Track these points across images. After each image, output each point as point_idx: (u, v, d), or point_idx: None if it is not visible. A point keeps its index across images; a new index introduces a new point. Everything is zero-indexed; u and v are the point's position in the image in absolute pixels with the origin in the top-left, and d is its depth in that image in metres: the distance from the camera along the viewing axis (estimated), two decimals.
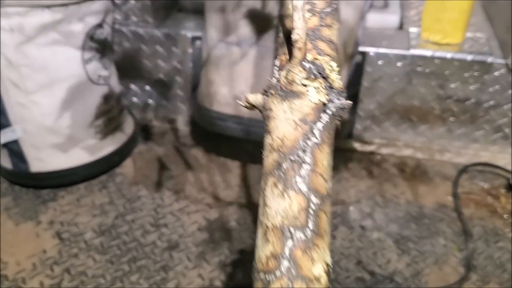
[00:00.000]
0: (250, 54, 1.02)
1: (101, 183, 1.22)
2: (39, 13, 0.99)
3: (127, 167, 1.27)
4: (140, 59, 1.34)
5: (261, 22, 1.00)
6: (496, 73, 1.19)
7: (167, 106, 1.41)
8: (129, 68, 1.35)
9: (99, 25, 1.10)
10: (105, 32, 1.13)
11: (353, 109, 1.29)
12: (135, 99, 1.41)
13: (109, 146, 1.20)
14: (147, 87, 1.39)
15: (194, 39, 1.29)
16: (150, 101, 1.41)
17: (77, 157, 1.15)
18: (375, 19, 1.29)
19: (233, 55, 1.04)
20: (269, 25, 1.01)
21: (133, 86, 1.39)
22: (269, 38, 1.01)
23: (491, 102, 1.23)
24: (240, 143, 1.22)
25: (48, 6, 0.99)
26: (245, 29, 1.02)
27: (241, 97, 0.42)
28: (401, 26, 1.31)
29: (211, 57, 1.10)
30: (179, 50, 1.32)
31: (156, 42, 1.31)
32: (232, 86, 1.04)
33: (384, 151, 1.34)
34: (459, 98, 1.24)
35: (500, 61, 1.18)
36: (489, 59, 1.18)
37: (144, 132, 1.39)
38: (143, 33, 1.30)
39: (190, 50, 1.31)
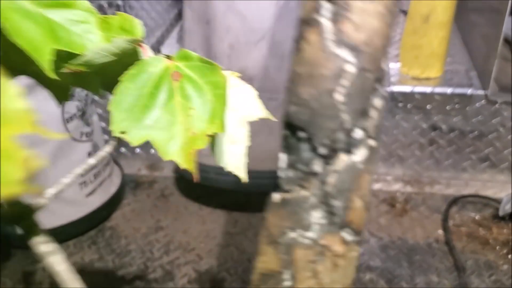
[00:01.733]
0: None
1: (90, 238, 1.22)
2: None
3: (116, 219, 1.27)
4: None
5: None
6: (477, 104, 1.19)
7: (155, 154, 1.41)
8: None
9: None
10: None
11: None
12: (122, 149, 1.42)
13: (97, 201, 1.20)
14: None
15: None
16: (138, 150, 1.42)
17: (64, 216, 1.15)
18: None
19: None
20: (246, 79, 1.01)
21: None
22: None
23: (476, 133, 1.23)
24: (230, 192, 1.22)
25: None
26: None
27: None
28: None
29: None
30: None
31: None
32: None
33: (374, 186, 1.33)
34: (443, 130, 1.24)
35: (480, 92, 1.18)
36: (469, 91, 1.19)
37: (133, 182, 1.39)
38: None
39: None
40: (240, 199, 1.30)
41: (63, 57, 0.34)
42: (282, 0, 0.95)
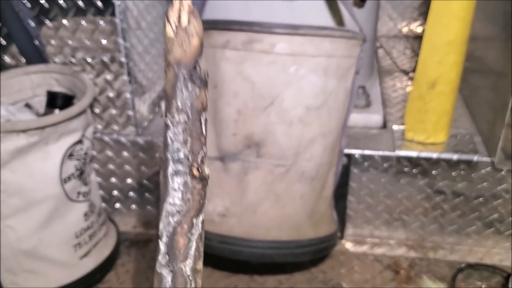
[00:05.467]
0: (232, 169, 1.00)
1: None
2: (14, 138, 0.96)
3: (110, 282, 1.21)
4: (122, 166, 1.32)
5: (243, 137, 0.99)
6: (483, 171, 1.18)
7: (151, 211, 1.37)
8: (111, 174, 1.32)
9: (79, 141, 1.08)
10: (84, 147, 1.10)
11: (343, 210, 1.27)
12: (118, 205, 1.37)
13: (90, 263, 1.15)
14: (131, 193, 1.35)
15: None
16: (134, 206, 1.37)
17: (56, 279, 1.09)
18: (359, 119, 1.29)
19: (216, 170, 1.01)
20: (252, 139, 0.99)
21: (115, 192, 1.36)
22: (251, 153, 0.99)
23: (481, 199, 1.21)
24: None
25: (24, 130, 0.97)
26: (228, 144, 1.00)
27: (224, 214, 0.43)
28: (384, 125, 1.31)
29: None
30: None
31: (139, 149, 1.29)
32: (215, 203, 1.01)
33: (377, 251, 1.30)
34: (447, 195, 1.22)
35: (486, 159, 1.17)
36: (475, 158, 1.17)
37: (127, 240, 1.34)
38: (125, 141, 1.28)
39: None
40: (240, 263, 1.26)
41: None
42: (292, 67, 0.94)
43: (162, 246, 0.47)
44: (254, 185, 0.99)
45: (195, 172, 0.48)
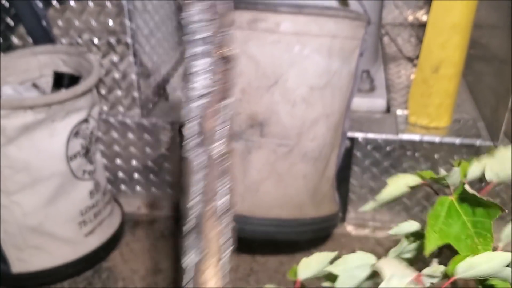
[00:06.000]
0: (236, 148, 1.01)
1: (86, 279, 1.18)
2: (21, 114, 0.98)
3: (114, 260, 1.23)
4: (127, 147, 1.33)
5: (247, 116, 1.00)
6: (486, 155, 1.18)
7: (156, 193, 1.39)
8: (116, 156, 1.34)
9: (84, 120, 1.09)
10: (90, 127, 1.12)
11: (345, 193, 1.27)
12: (123, 187, 1.39)
13: (95, 241, 1.17)
14: (136, 175, 1.37)
15: (181, 127, 1.29)
16: (138, 188, 1.39)
17: (61, 256, 1.11)
18: (363, 103, 1.29)
19: None
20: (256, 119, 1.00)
21: (120, 174, 1.37)
22: (255, 133, 1.00)
23: (482, 184, 1.22)
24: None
25: (31, 107, 0.98)
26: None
27: None
28: (388, 109, 1.31)
29: None
30: (167, 138, 1.31)
31: (144, 130, 1.30)
32: None
33: (379, 234, 1.31)
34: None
35: (489, 143, 1.17)
36: (478, 142, 1.18)
37: (132, 221, 1.36)
38: (131, 123, 1.29)
39: (178, 139, 1.30)
40: (242, 243, 1.27)
41: None
42: (296, 46, 0.95)
43: (191, 129, 0.45)
44: (257, 164, 1.00)
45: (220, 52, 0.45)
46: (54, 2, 1.19)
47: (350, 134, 1.20)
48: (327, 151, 1.05)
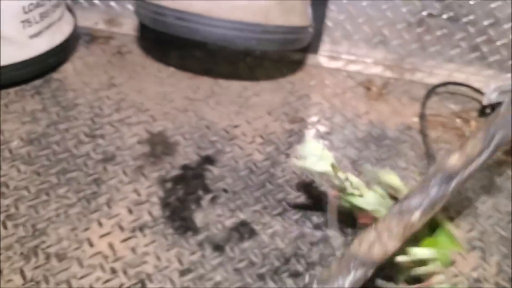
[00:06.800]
0: None
1: (35, 88, 1.10)
2: None
3: (65, 72, 1.15)
4: None
5: None
6: None
7: (115, 8, 1.26)
8: None
9: None
10: None
11: (320, 19, 1.17)
12: None
13: (42, 45, 1.06)
14: None
15: None
16: (97, 1, 1.26)
17: (6, 56, 1.01)
18: None
19: None
20: None
21: None
22: None
23: (470, 17, 1.12)
24: (190, 51, 1.09)
25: None
26: None
27: None
28: None
29: None
30: None
31: None
32: None
33: (352, 68, 1.23)
34: (436, 9, 1.12)
35: None
36: None
37: (88, 35, 1.25)
38: None
39: None
40: (205, 65, 1.19)
41: None
42: None
43: None
44: None
45: None
46: None
47: None
48: None
